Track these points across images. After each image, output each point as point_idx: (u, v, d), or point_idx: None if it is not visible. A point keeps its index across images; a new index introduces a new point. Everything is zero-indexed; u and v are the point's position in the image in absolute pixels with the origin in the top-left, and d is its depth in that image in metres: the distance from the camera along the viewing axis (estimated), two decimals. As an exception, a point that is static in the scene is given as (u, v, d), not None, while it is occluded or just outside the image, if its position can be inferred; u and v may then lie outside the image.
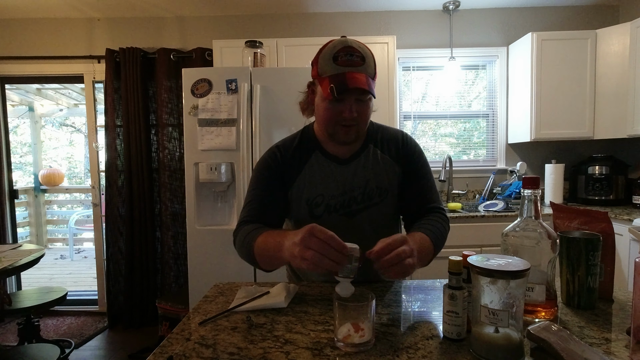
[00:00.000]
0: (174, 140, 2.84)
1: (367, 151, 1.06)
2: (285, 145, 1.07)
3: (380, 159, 1.06)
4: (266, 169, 1.05)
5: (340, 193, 1.03)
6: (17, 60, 2.93)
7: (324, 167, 1.04)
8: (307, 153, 1.05)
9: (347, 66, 0.89)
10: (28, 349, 1.94)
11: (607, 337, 0.71)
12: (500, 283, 0.63)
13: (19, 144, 6.38)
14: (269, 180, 1.04)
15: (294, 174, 1.04)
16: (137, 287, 2.84)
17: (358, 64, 0.90)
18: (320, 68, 0.93)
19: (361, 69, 0.90)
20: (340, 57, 0.90)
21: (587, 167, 2.69)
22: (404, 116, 3.02)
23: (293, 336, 0.75)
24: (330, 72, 0.90)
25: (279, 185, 1.04)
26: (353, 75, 0.88)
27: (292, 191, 1.04)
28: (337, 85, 0.88)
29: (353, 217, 1.03)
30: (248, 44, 2.33)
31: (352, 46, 0.91)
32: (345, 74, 0.89)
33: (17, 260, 1.89)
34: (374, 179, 1.04)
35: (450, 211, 2.62)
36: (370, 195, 1.03)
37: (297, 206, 1.04)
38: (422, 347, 0.70)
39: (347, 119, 0.94)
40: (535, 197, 0.78)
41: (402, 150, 1.07)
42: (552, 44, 2.61)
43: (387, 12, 2.93)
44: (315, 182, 1.03)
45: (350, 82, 0.87)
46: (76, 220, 5.03)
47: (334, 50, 0.91)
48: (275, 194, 1.04)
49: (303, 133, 1.09)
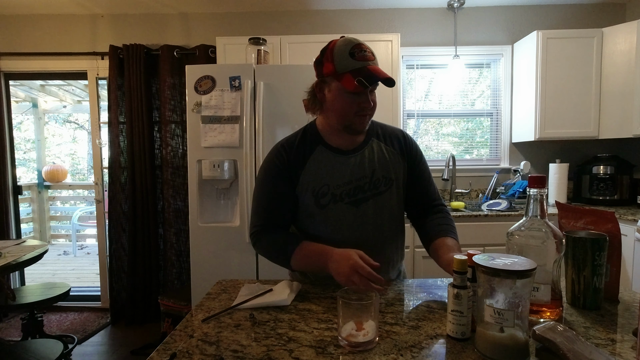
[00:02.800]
0: (177, 137, 2.84)
1: (370, 144, 1.10)
2: (289, 143, 1.10)
3: (386, 151, 1.11)
4: (274, 169, 1.08)
5: (345, 182, 1.06)
6: (21, 57, 2.94)
7: (328, 159, 1.07)
8: (311, 148, 1.08)
9: (365, 60, 0.96)
10: (31, 344, 1.95)
11: (613, 337, 0.71)
12: (506, 282, 0.62)
13: (22, 140, 6.41)
14: (278, 179, 1.07)
15: (299, 169, 1.07)
16: (139, 283, 2.85)
17: (371, 58, 0.98)
18: (337, 65, 0.97)
19: (375, 63, 0.99)
20: (357, 53, 0.96)
21: (592, 167, 2.67)
22: (407, 114, 3.01)
23: (296, 334, 0.75)
24: (352, 67, 0.96)
25: (288, 184, 1.07)
26: (375, 68, 0.97)
27: (299, 186, 1.07)
28: (365, 78, 0.94)
29: (359, 205, 1.06)
30: (252, 41, 2.32)
31: (362, 43, 0.97)
32: (367, 67, 0.96)
33: (21, 256, 1.90)
34: (379, 169, 1.08)
35: (454, 210, 2.61)
36: (377, 184, 1.07)
37: (304, 198, 1.07)
38: (426, 346, 0.69)
39: (366, 109, 1.00)
40: (541, 196, 0.78)
41: (405, 146, 1.13)
42: (558, 43, 2.59)
43: (391, 9, 2.92)
44: (320, 173, 1.06)
45: (378, 74, 0.95)
46: (79, 216, 5.04)
47: (348, 47, 0.96)
48: (284, 193, 1.07)
49: (305, 130, 1.12)
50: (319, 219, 1.07)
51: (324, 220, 1.06)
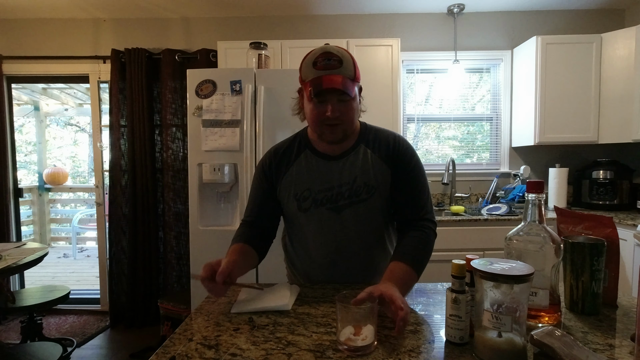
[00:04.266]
0: (178, 140, 2.85)
1: (357, 150, 1.08)
2: (279, 147, 1.14)
3: (371, 157, 1.07)
4: (260, 173, 1.13)
5: (327, 188, 1.06)
6: (23, 60, 2.96)
7: (311, 164, 1.08)
8: (298, 152, 1.11)
9: (325, 69, 0.96)
10: (30, 347, 1.94)
11: (611, 343, 0.71)
12: (504, 287, 0.62)
13: (24, 142, 6.43)
14: (261, 183, 1.12)
15: (282, 173, 1.10)
16: (139, 286, 2.85)
17: (335, 66, 0.96)
18: (303, 74, 1.01)
19: (337, 71, 0.96)
20: (319, 62, 0.97)
21: (592, 172, 2.67)
22: (407, 118, 3.02)
23: (295, 338, 0.75)
24: (311, 77, 0.97)
25: (269, 189, 1.11)
26: (330, 78, 0.95)
27: (281, 189, 1.10)
28: (314, 87, 0.95)
29: (340, 212, 1.06)
30: (252, 46, 2.34)
31: (330, 51, 0.97)
32: (322, 77, 0.96)
33: (21, 258, 1.90)
34: (361, 176, 1.06)
35: (453, 214, 2.62)
36: (358, 192, 1.05)
37: (287, 201, 1.09)
38: (425, 350, 0.69)
39: (330, 119, 0.98)
40: (539, 201, 0.78)
41: (393, 152, 1.07)
42: (557, 48, 2.60)
43: (391, 14, 2.94)
44: (302, 177, 1.08)
45: (325, 84, 0.95)
46: (79, 219, 5.05)
47: (313, 57, 0.98)
48: (267, 197, 1.12)
49: (298, 135, 1.15)
50: (302, 221, 1.09)
51: (307, 223, 1.08)
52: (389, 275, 0.90)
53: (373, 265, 1.10)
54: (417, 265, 0.96)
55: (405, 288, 0.92)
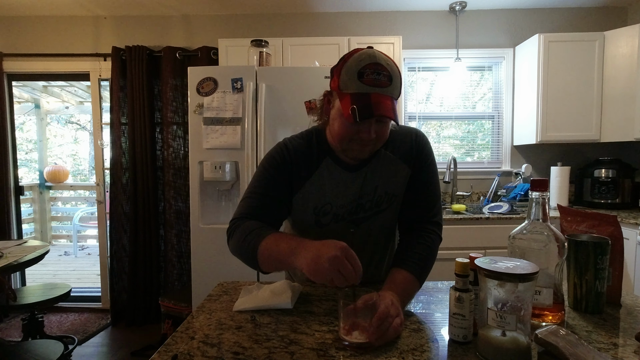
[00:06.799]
0: (179, 138, 2.84)
1: (378, 155, 0.98)
2: (295, 145, 0.99)
3: (390, 162, 0.99)
4: (273, 166, 0.98)
5: (348, 202, 0.98)
6: (24, 58, 2.95)
7: (333, 175, 0.98)
8: (318, 158, 0.98)
9: (373, 86, 0.81)
10: (32, 344, 1.94)
11: (615, 342, 0.70)
12: (508, 286, 0.62)
13: (24, 140, 6.42)
14: (274, 178, 0.97)
15: (303, 178, 0.98)
16: (140, 284, 2.85)
17: (385, 84, 0.82)
18: (342, 82, 0.85)
19: (387, 91, 0.83)
20: (367, 74, 0.81)
21: (594, 170, 2.67)
22: (408, 117, 3.01)
23: (298, 336, 0.74)
24: (354, 90, 0.82)
25: (284, 185, 0.98)
26: (379, 99, 0.81)
27: (299, 196, 0.99)
28: (359, 108, 0.80)
29: (359, 224, 1.00)
30: (254, 43, 2.33)
31: (380, 63, 0.82)
32: (370, 95, 0.81)
33: (22, 256, 1.90)
34: (382, 185, 0.99)
35: (455, 213, 2.61)
36: (379, 202, 0.99)
37: (303, 212, 1.00)
38: (428, 349, 0.69)
39: (364, 140, 0.87)
40: (543, 199, 0.78)
41: (414, 150, 1.00)
42: (559, 46, 2.59)
43: (393, 12, 2.93)
44: (324, 190, 0.98)
45: (375, 108, 0.80)
46: (80, 217, 5.05)
47: (360, 65, 0.82)
48: (278, 193, 0.97)
49: (312, 135, 1.01)
50: (315, 233, 0.99)
51: (320, 235, 0.92)
52: (390, 285, 0.85)
53: (377, 262, 1.09)
54: (421, 274, 0.91)
55: (407, 299, 0.88)
